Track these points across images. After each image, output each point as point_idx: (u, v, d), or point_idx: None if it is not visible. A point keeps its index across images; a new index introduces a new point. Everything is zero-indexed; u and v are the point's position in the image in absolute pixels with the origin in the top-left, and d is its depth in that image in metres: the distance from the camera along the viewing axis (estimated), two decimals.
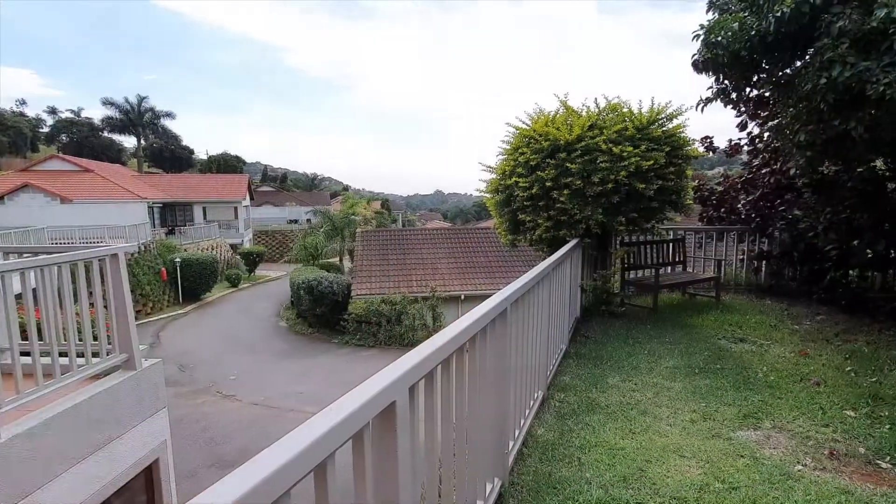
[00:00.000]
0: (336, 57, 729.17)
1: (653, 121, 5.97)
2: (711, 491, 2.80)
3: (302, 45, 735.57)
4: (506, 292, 2.56)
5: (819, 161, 4.80)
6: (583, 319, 6.44)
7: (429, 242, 22.25)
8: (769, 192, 7.64)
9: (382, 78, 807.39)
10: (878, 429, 3.54)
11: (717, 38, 4.54)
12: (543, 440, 3.37)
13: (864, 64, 3.48)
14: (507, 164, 6.40)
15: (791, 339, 5.57)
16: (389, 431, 1.38)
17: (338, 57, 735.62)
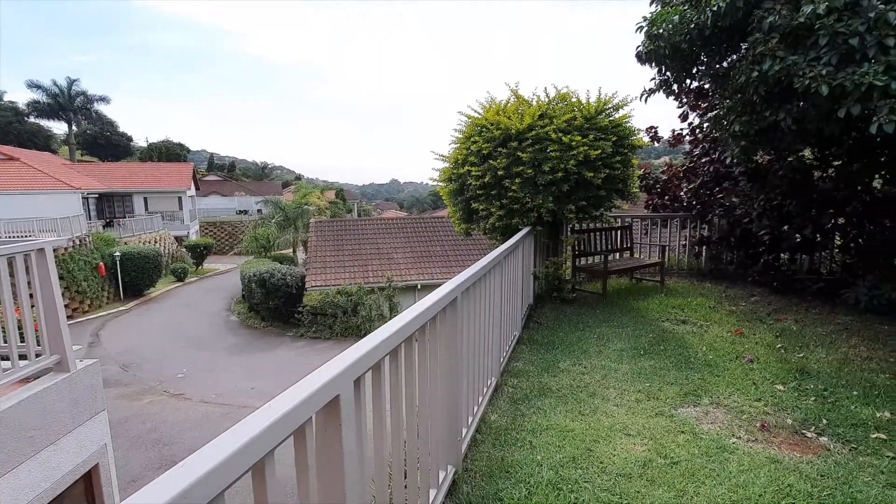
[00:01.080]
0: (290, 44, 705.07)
1: (600, 111, 6.11)
2: (654, 466, 2.94)
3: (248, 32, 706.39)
4: (456, 281, 2.56)
5: (753, 150, 5.07)
6: (536, 306, 6.58)
7: (385, 232, 22.05)
8: (709, 181, 8.02)
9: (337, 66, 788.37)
10: (805, 401, 3.80)
11: (658, 30, 4.69)
12: (497, 426, 3.42)
13: (792, 58, 3.69)
14: (460, 152, 6.40)
15: (728, 319, 5.89)
16: (334, 426, 1.35)
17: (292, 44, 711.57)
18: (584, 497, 2.65)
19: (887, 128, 3.38)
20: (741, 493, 2.68)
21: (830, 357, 4.65)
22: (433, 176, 7.14)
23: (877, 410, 3.61)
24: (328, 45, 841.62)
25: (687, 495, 2.67)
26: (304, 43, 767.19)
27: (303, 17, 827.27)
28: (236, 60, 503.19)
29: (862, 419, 3.50)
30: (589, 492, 2.69)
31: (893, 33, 3.34)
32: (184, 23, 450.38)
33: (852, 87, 3.41)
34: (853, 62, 3.49)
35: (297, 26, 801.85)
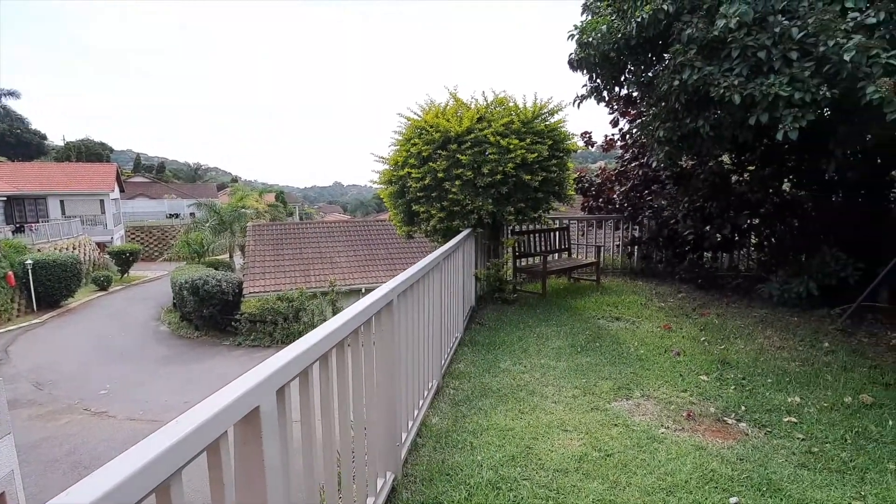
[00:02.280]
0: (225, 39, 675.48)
1: (536, 115, 6.28)
2: (589, 460, 3.02)
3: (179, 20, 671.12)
4: (392, 284, 2.52)
5: (676, 155, 5.39)
6: (478, 307, 6.63)
7: (327, 236, 21.56)
8: (638, 184, 8.44)
9: (279, 67, 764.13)
10: (726, 390, 4.05)
11: (588, 38, 4.88)
12: (437, 428, 3.40)
13: (708, 68, 3.95)
14: (400, 154, 6.36)
15: (658, 315, 6.19)
16: (254, 439, 1.28)
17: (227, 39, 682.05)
18: (523, 494, 2.68)
19: (791, 135, 3.70)
20: (669, 480, 2.81)
21: (748, 348, 4.99)
22: (374, 178, 7.06)
23: (788, 396, 3.91)
24: (268, 43, 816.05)
25: (619, 486, 2.76)
26: (242, 41, 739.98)
27: (242, 14, 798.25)
28: (169, 56, 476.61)
29: (775, 404, 3.77)
30: (527, 489, 2.73)
31: (796, 47, 3.66)
32: (110, 15, 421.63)
33: (761, 96, 3.70)
34: (762, 73, 3.79)
35: (235, 22, 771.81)
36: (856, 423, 3.47)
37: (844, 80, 3.51)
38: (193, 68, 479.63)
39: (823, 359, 4.63)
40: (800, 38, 3.64)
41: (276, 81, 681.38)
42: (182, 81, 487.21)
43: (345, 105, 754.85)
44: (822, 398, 3.85)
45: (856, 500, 2.63)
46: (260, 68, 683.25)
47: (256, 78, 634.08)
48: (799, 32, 3.63)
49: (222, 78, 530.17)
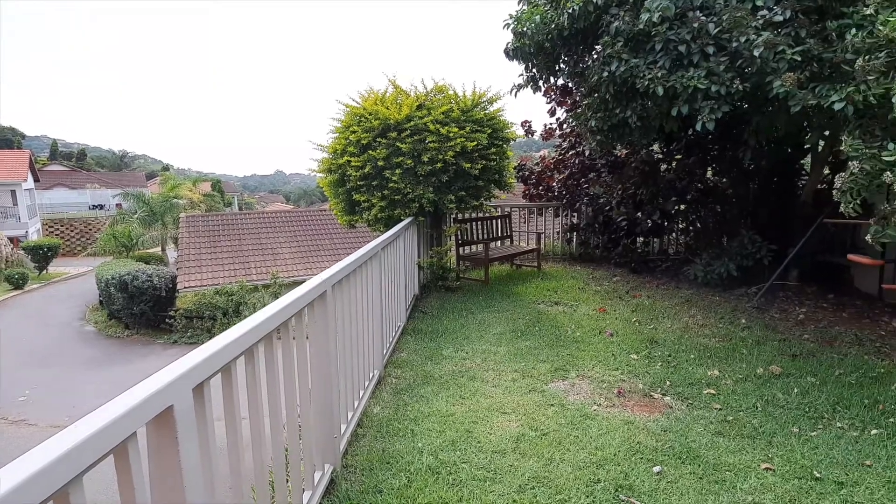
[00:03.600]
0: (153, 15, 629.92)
1: (475, 104, 6.32)
2: (526, 440, 3.13)
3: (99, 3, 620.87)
4: (325, 274, 2.48)
5: (607, 144, 5.61)
6: (421, 296, 6.65)
7: (268, 226, 20.84)
8: (576, 172, 8.71)
9: (215, 47, 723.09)
10: (653, 367, 4.30)
11: (523, 28, 4.95)
12: (379, 418, 3.40)
13: (634, 61, 4.13)
14: (339, 142, 6.23)
15: (594, 298, 6.46)
16: (169, 440, 1.22)
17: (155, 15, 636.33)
18: (462, 477, 2.74)
19: (709, 125, 3.94)
20: (600, 454, 2.96)
21: (674, 326, 5.31)
22: (313, 167, 6.87)
23: (708, 370, 4.20)
24: (202, 23, 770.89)
25: (553, 463, 2.88)
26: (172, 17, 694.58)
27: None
28: (90, 31, 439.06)
29: (697, 378, 4.05)
30: (466, 472, 2.79)
31: (712, 42, 3.90)
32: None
33: (682, 89, 3.92)
34: (682, 67, 4.01)
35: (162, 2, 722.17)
36: (766, 392, 3.79)
37: (755, 75, 3.78)
38: (119, 46, 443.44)
39: (740, 334, 5.00)
40: (716, 34, 3.88)
41: (213, 64, 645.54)
42: (106, 60, 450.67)
43: (287, 91, 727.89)
44: (738, 370, 4.17)
45: (764, 463, 2.87)
46: (195, 49, 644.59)
47: (191, 60, 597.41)
48: (715, 28, 3.87)
49: (152, 58, 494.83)
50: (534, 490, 2.64)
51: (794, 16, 3.71)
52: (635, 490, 2.63)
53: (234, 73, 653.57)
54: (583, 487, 2.65)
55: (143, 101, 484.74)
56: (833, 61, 3.49)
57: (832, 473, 2.75)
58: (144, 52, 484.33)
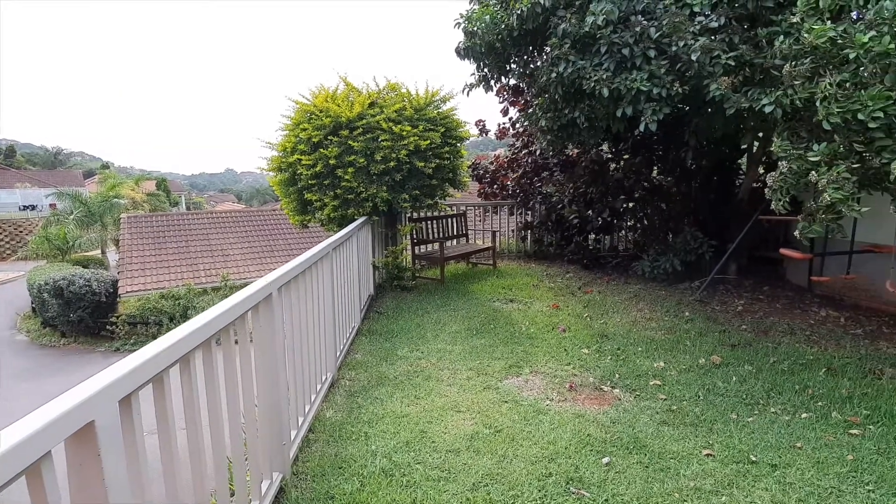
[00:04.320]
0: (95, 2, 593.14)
1: (429, 103, 6.31)
2: (480, 437, 3.14)
3: None
4: (271, 277, 2.40)
5: (558, 144, 5.73)
6: (377, 296, 6.58)
7: (218, 226, 20.07)
8: (529, 171, 8.86)
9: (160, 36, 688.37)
10: (603, 361, 4.42)
11: (474, 27, 4.98)
12: (332, 422, 3.34)
13: (581, 63, 4.23)
14: (289, 140, 6.06)
15: (548, 295, 6.58)
16: (90, 458, 1.14)
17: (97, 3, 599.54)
18: (416, 478, 2.72)
19: (651, 126, 4.09)
20: (551, 448, 3.01)
21: (624, 321, 5.48)
22: (263, 165, 6.67)
23: (654, 361, 4.36)
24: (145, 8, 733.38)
25: (507, 459, 2.91)
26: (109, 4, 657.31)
27: None
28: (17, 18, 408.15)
29: (644, 370, 4.19)
30: (420, 472, 2.77)
31: (653, 46, 4.05)
32: None
33: (625, 90, 4.05)
34: (626, 69, 4.14)
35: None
36: (707, 381, 3.97)
37: (693, 78, 3.95)
38: (52, 35, 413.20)
39: (684, 327, 5.22)
40: (657, 38, 4.03)
41: (158, 58, 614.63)
42: (37, 50, 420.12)
43: (238, 87, 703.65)
44: (682, 361, 4.35)
45: (705, 449, 3.00)
46: (138, 42, 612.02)
47: (134, 53, 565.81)
48: (656, 32, 4.02)
49: (90, 49, 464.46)
50: (487, 487, 2.65)
51: (728, 22, 3.90)
52: (585, 481, 2.70)
53: (180, 67, 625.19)
54: (535, 482, 2.69)
55: (79, 95, 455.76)
56: (763, 66, 3.71)
57: (767, 456, 2.91)
58: (81, 43, 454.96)
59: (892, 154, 2.84)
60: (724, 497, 2.56)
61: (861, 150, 3.02)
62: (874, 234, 5.44)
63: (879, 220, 5.02)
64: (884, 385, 3.79)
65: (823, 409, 3.47)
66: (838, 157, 3.06)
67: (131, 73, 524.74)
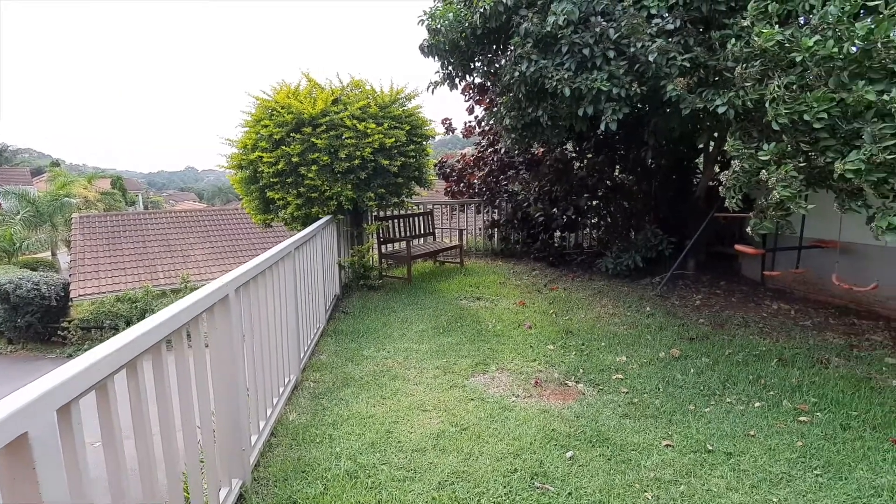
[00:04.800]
0: None
1: (394, 100, 6.25)
2: (447, 436, 3.14)
3: None
4: (228, 277, 2.32)
5: (522, 142, 5.78)
6: (343, 296, 6.50)
7: (178, 226, 19.40)
8: (495, 169, 8.91)
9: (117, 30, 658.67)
10: (568, 356, 4.48)
11: (438, 25, 4.97)
12: (295, 425, 3.27)
13: (543, 62, 4.28)
14: (249, 137, 5.90)
15: (514, 292, 6.64)
16: (24, 473, 1.07)
17: None
18: (381, 479, 2.69)
19: (612, 125, 4.18)
20: (517, 444, 3.03)
21: (588, 316, 5.58)
22: (222, 163, 6.47)
23: (617, 356, 4.45)
24: None
25: (473, 456, 2.91)
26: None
27: None
28: None
29: (607, 365, 4.28)
30: (385, 473, 2.75)
31: (613, 47, 4.13)
32: None
33: (586, 90, 4.12)
34: (587, 69, 4.22)
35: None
36: (667, 373, 4.08)
37: (651, 79, 4.06)
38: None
39: (645, 321, 5.36)
40: (616, 39, 4.12)
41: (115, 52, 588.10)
42: None
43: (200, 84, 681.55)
44: (643, 355, 4.46)
45: (665, 440, 3.09)
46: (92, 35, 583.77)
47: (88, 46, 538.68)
48: (615, 34, 4.10)
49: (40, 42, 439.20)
50: (453, 486, 2.65)
51: (683, 25, 4.02)
52: (549, 476, 2.73)
53: (138, 61, 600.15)
54: (500, 478, 2.71)
55: (26, 89, 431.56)
56: (717, 68, 3.84)
57: (722, 445, 3.02)
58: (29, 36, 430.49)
59: (836, 153, 2.99)
60: (683, 486, 2.64)
61: (807, 150, 3.17)
62: (821, 230, 5.72)
63: (825, 217, 5.28)
64: (830, 374, 3.98)
65: (775, 398, 3.62)
66: (786, 156, 3.20)
67: (83, 66, 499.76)
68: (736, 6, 3.97)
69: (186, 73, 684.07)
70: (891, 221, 2.90)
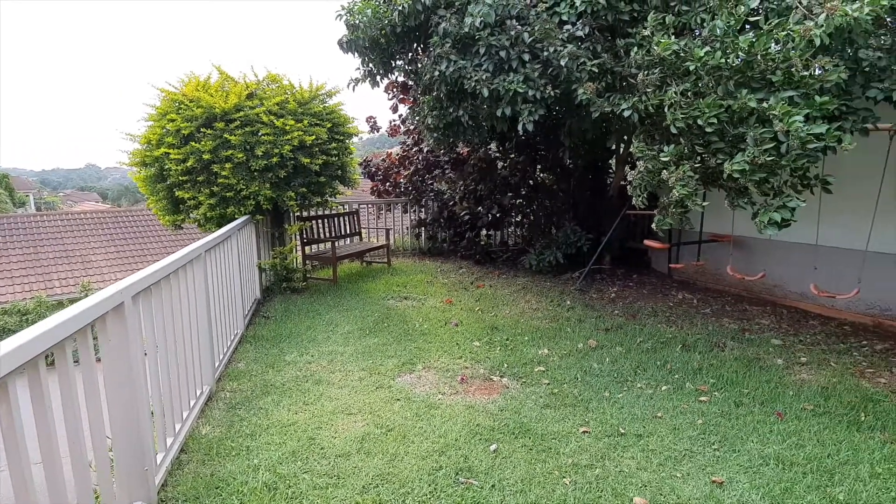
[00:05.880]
0: None
1: (314, 96, 6.06)
2: (371, 438, 3.09)
3: None
4: (123, 284, 2.14)
5: (445, 142, 5.84)
6: (264, 300, 6.23)
7: (77, 229, 17.65)
8: (421, 168, 8.93)
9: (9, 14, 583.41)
10: (493, 352, 4.58)
11: (356, 21, 4.88)
12: (209, 439, 3.08)
13: (462, 62, 4.35)
14: (154, 132, 5.48)
15: (441, 291, 6.68)
16: None
17: None
18: (302, 488, 2.60)
19: (528, 126, 4.33)
20: (442, 441, 3.05)
21: (512, 312, 5.74)
22: (123, 159, 5.96)
23: (539, 349, 4.61)
24: None
25: (398, 457, 2.89)
26: None
27: None
28: None
29: (530, 358, 4.41)
30: (307, 482, 2.66)
31: (528, 50, 4.28)
32: None
33: (504, 91, 4.23)
34: (504, 71, 4.33)
35: None
36: (585, 363, 4.28)
37: (564, 82, 4.24)
38: None
39: (565, 315, 5.59)
40: (530, 42, 4.26)
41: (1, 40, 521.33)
42: None
43: (103, 75, 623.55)
44: (563, 347, 4.65)
45: (582, 427, 3.24)
46: None
47: None
48: (529, 37, 4.25)
49: None
50: (377, 488, 2.62)
51: (592, 32, 4.24)
52: (474, 470, 2.77)
53: (30, 52, 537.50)
54: (425, 477, 2.71)
55: None
56: (622, 74, 4.09)
57: (633, 428, 3.21)
58: None
59: (725, 155, 3.28)
60: (598, 469, 2.78)
61: (701, 152, 3.46)
62: (717, 226, 6.28)
63: (720, 214, 5.80)
64: (726, 356, 4.37)
65: (679, 380, 3.91)
66: (684, 157, 3.47)
67: None
68: (638, 16, 4.25)
69: (88, 62, 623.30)
70: (771, 217, 3.23)
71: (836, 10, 2.91)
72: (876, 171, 4.03)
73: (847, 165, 4.08)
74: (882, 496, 2.51)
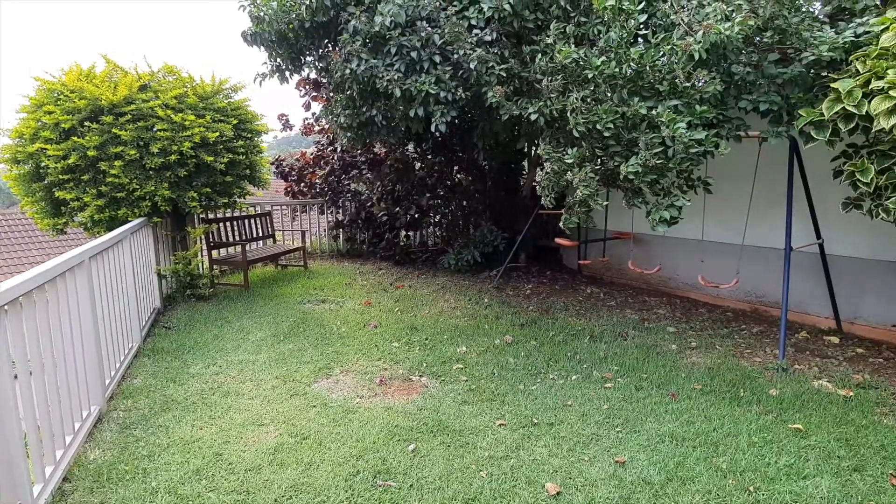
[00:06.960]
0: None
1: (217, 91, 5.70)
2: (285, 449, 2.97)
3: None
4: None
5: (359, 142, 5.74)
6: (165, 309, 5.76)
7: None
8: (338, 168, 8.73)
9: None
10: (413, 352, 4.58)
11: (261, 12, 4.67)
12: (97, 464, 2.79)
13: (374, 61, 4.31)
14: (27, 124, 4.86)
15: (360, 293, 6.58)
16: None
17: None
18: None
19: (441, 127, 4.39)
20: (360, 445, 3.00)
21: (432, 312, 5.77)
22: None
23: (458, 347, 4.68)
24: None
25: (313, 466, 2.80)
26: None
27: None
28: None
29: (448, 356, 4.46)
30: (212, 500, 2.50)
31: (438, 52, 4.34)
32: None
33: (416, 92, 4.26)
34: (416, 72, 4.35)
35: None
36: (501, 359, 4.40)
37: (474, 85, 4.35)
38: None
39: (483, 312, 5.73)
40: (441, 44, 4.32)
41: None
42: None
43: None
44: (481, 344, 4.76)
45: (499, 420, 3.33)
46: None
47: None
48: (440, 39, 4.30)
49: None
50: (291, 500, 2.52)
51: (499, 37, 4.39)
52: (392, 472, 2.75)
53: None
54: (342, 483, 2.65)
55: None
56: (529, 79, 4.27)
57: (546, 417, 3.36)
58: None
59: (621, 158, 3.54)
60: (513, 460, 2.87)
61: (601, 155, 3.70)
62: (619, 224, 6.74)
63: (622, 212, 6.23)
64: (628, 345, 4.70)
65: (587, 370, 4.15)
66: (586, 160, 3.69)
67: None
68: (542, 25, 4.45)
69: None
70: (662, 215, 3.53)
71: (712, 28, 3.24)
72: (749, 174, 4.54)
73: (725, 169, 4.55)
74: (757, 462, 2.83)
